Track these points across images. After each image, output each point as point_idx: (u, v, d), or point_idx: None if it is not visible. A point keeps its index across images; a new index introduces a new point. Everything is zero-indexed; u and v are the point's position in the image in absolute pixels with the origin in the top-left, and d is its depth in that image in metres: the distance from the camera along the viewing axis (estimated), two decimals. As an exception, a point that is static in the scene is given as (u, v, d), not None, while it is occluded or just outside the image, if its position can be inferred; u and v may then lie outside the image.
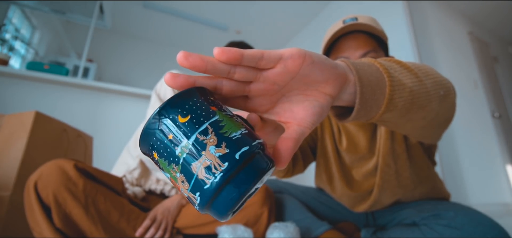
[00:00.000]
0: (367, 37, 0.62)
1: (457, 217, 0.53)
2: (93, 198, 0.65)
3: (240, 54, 0.22)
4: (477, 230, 0.49)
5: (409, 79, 0.33)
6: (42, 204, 0.60)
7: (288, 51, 0.23)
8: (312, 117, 0.26)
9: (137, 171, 0.88)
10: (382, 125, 0.39)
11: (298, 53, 0.23)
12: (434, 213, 0.58)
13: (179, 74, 0.22)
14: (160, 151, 0.20)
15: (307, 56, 0.24)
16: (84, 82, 1.86)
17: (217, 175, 0.18)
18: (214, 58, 0.22)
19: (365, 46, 0.61)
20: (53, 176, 0.61)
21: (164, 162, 0.20)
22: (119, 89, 1.94)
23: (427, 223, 0.58)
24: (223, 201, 0.19)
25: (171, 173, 0.20)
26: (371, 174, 0.72)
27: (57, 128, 1.08)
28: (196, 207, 0.20)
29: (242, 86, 0.25)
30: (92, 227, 0.63)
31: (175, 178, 0.20)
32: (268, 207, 0.76)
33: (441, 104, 0.38)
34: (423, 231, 0.57)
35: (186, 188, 0.19)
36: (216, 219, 0.21)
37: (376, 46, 0.62)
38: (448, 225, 0.53)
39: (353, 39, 0.62)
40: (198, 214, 0.77)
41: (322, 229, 0.72)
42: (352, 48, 0.61)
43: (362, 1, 2.89)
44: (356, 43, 0.61)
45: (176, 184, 0.20)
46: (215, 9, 3.66)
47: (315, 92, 0.26)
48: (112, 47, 4.24)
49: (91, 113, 1.86)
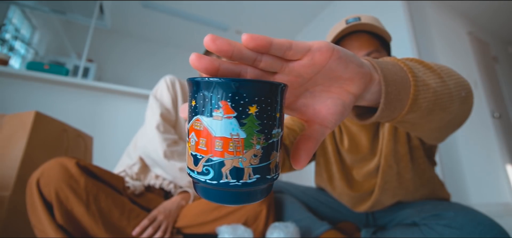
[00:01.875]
0: (370, 37, 0.62)
1: (457, 217, 0.53)
2: (95, 196, 0.65)
3: (269, 42, 0.21)
4: (477, 230, 0.49)
5: (433, 80, 0.32)
6: (44, 201, 0.61)
7: (316, 43, 0.23)
8: (334, 116, 0.26)
9: (136, 166, 0.90)
10: (400, 126, 0.39)
11: (327, 46, 0.23)
12: (434, 213, 0.58)
13: (204, 56, 0.21)
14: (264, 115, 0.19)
15: (335, 51, 0.23)
16: (84, 82, 1.86)
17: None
18: (241, 44, 0.21)
19: (368, 46, 0.61)
20: (55, 174, 0.62)
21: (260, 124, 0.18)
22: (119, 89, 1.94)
23: (427, 223, 0.58)
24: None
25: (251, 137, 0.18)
26: (372, 174, 0.72)
27: (57, 128, 1.08)
28: (209, 178, 0.19)
29: (266, 76, 0.24)
30: (93, 225, 0.63)
31: (235, 142, 0.18)
32: (266, 205, 0.77)
33: (461, 106, 0.38)
34: (423, 231, 0.57)
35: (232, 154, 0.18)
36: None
37: (379, 46, 0.62)
38: (448, 225, 0.53)
39: (356, 39, 0.61)
40: (198, 214, 0.77)
41: (322, 229, 0.72)
42: (355, 48, 0.61)
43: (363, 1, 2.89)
44: (359, 43, 0.61)
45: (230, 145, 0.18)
46: (215, 9, 3.66)
47: (339, 89, 0.26)
48: (112, 47, 4.25)
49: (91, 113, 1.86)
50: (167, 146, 0.86)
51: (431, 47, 2.63)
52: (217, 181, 0.18)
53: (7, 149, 0.91)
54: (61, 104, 1.81)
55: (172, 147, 0.88)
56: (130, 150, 0.98)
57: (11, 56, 2.02)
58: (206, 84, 0.18)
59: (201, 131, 0.18)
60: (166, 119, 0.92)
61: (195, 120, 0.18)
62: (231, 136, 0.18)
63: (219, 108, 0.18)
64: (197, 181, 0.19)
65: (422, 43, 2.46)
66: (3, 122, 0.98)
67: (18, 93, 1.72)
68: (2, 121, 0.99)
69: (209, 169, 0.18)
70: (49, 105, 1.77)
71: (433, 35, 2.70)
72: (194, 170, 0.19)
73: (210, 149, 0.18)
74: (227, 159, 0.17)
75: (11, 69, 1.72)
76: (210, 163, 0.18)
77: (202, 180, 0.19)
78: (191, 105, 0.19)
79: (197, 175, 0.19)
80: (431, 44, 2.64)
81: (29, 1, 2.82)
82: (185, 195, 0.86)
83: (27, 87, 1.74)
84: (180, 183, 0.90)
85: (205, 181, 0.18)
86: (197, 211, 0.78)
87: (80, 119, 1.66)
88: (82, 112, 1.84)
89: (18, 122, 0.95)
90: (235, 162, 0.18)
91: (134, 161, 0.92)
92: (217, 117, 0.18)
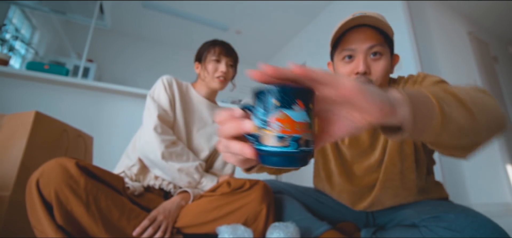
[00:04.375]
0: (374, 31, 0.64)
1: (458, 220, 0.52)
2: (94, 196, 0.65)
3: (314, 77, 0.27)
4: (478, 233, 0.48)
5: (462, 116, 0.33)
6: (44, 202, 0.60)
7: (347, 83, 0.27)
8: (344, 133, 0.31)
9: (136, 167, 0.91)
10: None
11: (355, 87, 0.27)
12: (434, 215, 0.58)
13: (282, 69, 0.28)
14: (312, 109, 0.30)
15: (362, 92, 0.27)
16: (84, 82, 1.86)
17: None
18: (288, 71, 0.28)
19: (372, 40, 0.63)
20: (55, 174, 0.62)
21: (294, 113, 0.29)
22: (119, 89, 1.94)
23: (426, 225, 0.58)
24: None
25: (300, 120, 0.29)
26: (373, 169, 0.72)
27: (57, 128, 1.08)
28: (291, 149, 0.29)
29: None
30: (93, 225, 0.63)
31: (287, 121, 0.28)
32: (266, 204, 0.76)
33: (487, 137, 0.39)
34: (423, 232, 0.57)
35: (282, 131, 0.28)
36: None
37: (383, 41, 0.64)
38: (448, 227, 0.53)
39: (361, 32, 0.64)
40: (198, 214, 0.77)
41: (322, 229, 0.72)
42: (360, 40, 0.63)
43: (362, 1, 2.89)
44: (364, 35, 0.63)
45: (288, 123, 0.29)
46: (215, 9, 3.66)
47: (357, 116, 0.30)
48: (112, 47, 4.25)
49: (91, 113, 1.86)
50: (165, 148, 0.86)
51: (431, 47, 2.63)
52: (297, 149, 0.28)
53: (7, 149, 0.91)
54: (61, 104, 1.81)
55: (170, 148, 0.88)
56: (129, 151, 0.98)
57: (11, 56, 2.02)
58: (291, 90, 0.28)
59: (285, 120, 0.28)
60: (163, 120, 0.92)
61: (279, 112, 0.28)
62: (304, 121, 0.28)
63: (296, 105, 0.28)
64: (280, 153, 0.29)
65: (422, 43, 2.46)
66: (3, 122, 0.98)
67: (18, 93, 1.72)
68: (2, 121, 0.99)
69: (292, 142, 0.28)
70: (49, 105, 1.77)
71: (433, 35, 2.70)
72: (278, 146, 0.28)
73: (293, 130, 0.28)
74: (303, 135, 0.28)
75: (11, 69, 1.72)
76: (293, 139, 0.28)
77: (285, 151, 0.28)
78: (275, 103, 0.28)
79: (281, 148, 0.28)
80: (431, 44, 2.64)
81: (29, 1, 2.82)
82: (185, 195, 0.86)
83: (27, 87, 1.74)
84: (179, 184, 0.90)
85: (288, 151, 0.28)
86: (197, 211, 0.78)
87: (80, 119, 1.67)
88: (82, 112, 1.85)
89: (18, 122, 0.95)
90: (306, 137, 0.29)
91: (133, 162, 0.92)
92: (296, 109, 0.28)
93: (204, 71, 1.02)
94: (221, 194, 0.79)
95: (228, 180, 0.80)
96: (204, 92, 1.05)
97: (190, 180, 0.89)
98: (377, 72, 0.63)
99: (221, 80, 1.01)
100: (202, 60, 1.03)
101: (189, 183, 0.90)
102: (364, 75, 0.62)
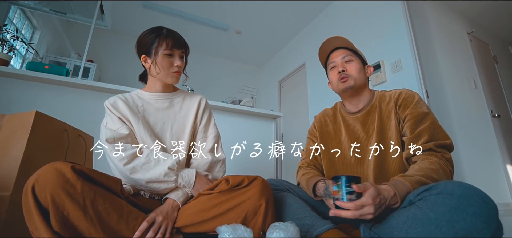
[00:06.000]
0: (345, 49, 1.00)
1: (448, 185, 0.59)
2: (92, 200, 0.64)
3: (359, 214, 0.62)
4: (465, 193, 0.56)
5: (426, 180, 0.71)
6: (39, 207, 0.59)
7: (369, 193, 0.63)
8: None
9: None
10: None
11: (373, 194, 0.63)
12: (427, 188, 0.63)
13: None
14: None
15: (377, 198, 0.64)
16: (84, 82, 1.86)
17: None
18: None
19: (344, 53, 0.99)
20: (50, 179, 0.61)
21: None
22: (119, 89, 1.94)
23: (421, 197, 0.62)
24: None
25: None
26: (370, 155, 0.90)
27: (58, 128, 1.08)
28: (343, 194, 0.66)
29: None
30: (91, 229, 0.62)
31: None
32: (265, 199, 0.76)
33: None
34: (419, 205, 0.62)
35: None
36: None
37: (351, 53, 0.99)
38: (440, 192, 0.59)
39: (338, 51, 1.01)
40: (197, 213, 0.77)
41: (326, 227, 0.74)
42: (337, 55, 1.00)
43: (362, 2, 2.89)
44: (339, 52, 1.00)
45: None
46: (215, 9, 3.66)
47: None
48: (112, 47, 4.25)
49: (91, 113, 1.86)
50: (123, 166, 0.83)
51: (431, 47, 2.63)
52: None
53: (7, 149, 0.91)
54: (61, 104, 1.81)
55: (131, 163, 0.84)
56: None
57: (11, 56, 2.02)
58: (351, 178, 0.66)
59: (346, 194, 0.65)
60: (120, 138, 0.89)
61: (346, 189, 0.65)
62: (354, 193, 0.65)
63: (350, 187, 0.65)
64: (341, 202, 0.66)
65: (422, 43, 2.46)
66: (3, 122, 0.98)
67: (18, 93, 1.72)
68: (2, 121, 0.99)
69: (353, 198, 0.64)
70: (49, 105, 1.77)
71: (433, 35, 2.70)
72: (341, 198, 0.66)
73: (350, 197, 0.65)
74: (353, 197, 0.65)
75: (12, 69, 1.72)
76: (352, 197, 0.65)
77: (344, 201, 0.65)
78: (344, 186, 0.66)
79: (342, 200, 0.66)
80: (431, 44, 2.64)
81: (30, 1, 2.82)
82: (176, 193, 0.85)
83: (27, 87, 1.74)
84: (159, 192, 0.88)
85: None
86: (196, 210, 0.78)
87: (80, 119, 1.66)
88: (82, 112, 1.84)
89: (18, 122, 0.95)
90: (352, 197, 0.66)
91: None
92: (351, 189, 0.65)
93: (156, 67, 0.95)
94: (220, 192, 0.78)
95: (227, 178, 0.80)
96: (160, 87, 1.02)
97: (166, 186, 0.85)
98: (352, 71, 0.95)
99: (177, 74, 0.98)
100: (151, 54, 0.95)
101: (167, 188, 0.86)
102: (343, 72, 0.95)
